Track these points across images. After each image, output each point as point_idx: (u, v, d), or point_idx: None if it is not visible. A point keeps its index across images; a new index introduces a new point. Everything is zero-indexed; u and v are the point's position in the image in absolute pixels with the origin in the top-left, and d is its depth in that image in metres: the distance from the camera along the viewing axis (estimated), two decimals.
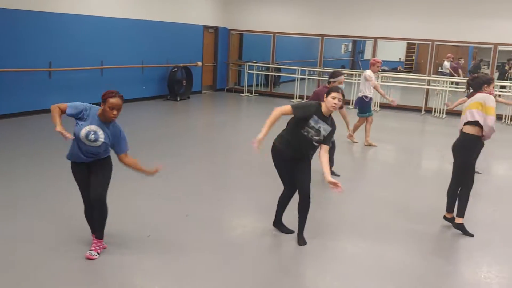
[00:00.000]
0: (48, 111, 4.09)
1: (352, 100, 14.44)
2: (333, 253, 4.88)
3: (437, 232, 5.55)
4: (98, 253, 4.41)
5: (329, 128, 4.74)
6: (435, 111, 14.22)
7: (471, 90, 5.70)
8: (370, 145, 9.59)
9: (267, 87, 17.34)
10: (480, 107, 5.25)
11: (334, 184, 4.53)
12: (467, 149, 5.40)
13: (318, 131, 4.70)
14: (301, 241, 4.92)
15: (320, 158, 4.71)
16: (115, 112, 4.24)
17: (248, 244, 4.96)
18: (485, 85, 5.52)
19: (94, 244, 4.44)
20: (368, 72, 9.30)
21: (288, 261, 4.72)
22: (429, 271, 4.60)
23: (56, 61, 11.14)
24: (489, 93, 5.47)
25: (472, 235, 5.38)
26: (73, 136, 4.25)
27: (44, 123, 10.22)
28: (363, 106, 9.47)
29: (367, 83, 9.23)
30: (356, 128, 9.65)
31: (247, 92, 16.61)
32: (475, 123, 5.27)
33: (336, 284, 4.26)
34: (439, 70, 17.16)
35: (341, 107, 5.82)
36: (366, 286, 4.24)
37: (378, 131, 10.11)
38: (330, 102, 4.67)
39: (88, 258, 4.33)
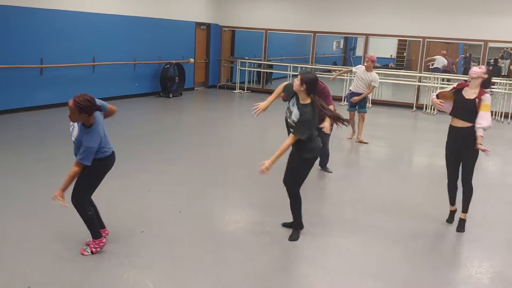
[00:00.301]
0: (40, 107, 4.09)
1: (344, 97, 14.51)
2: (326, 249, 4.91)
3: (429, 228, 5.59)
4: (91, 252, 4.43)
5: (298, 114, 4.59)
6: (426, 108, 14.30)
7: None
8: (361, 142, 9.67)
9: (259, 83, 17.35)
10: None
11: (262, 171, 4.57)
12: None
13: (290, 113, 4.69)
14: (292, 236, 4.96)
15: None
16: (68, 113, 4.09)
17: (241, 240, 4.98)
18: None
19: (92, 242, 4.48)
20: (375, 76, 9.35)
21: (281, 256, 4.74)
22: (421, 267, 4.64)
23: (47, 57, 11.09)
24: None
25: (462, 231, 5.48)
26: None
27: (35, 119, 10.19)
28: (365, 101, 9.61)
29: (367, 82, 9.29)
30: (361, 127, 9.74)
31: (239, 89, 16.62)
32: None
33: (329, 279, 4.29)
34: (430, 67, 17.23)
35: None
36: (358, 281, 4.27)
37: (370, 127, 10.15)
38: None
39: (81, 253, 4.42)
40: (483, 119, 5.12)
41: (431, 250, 5.03)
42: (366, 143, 9.62)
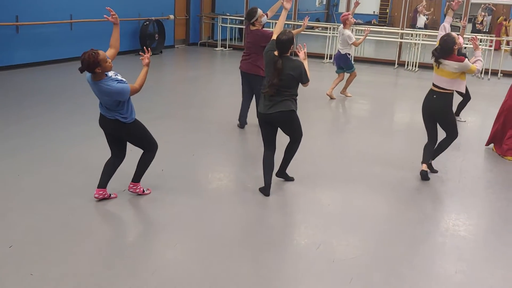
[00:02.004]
0: (16, 66, 4.01)
1: (329, 55, 14.47)
2: (307, 204, 4.98)
3: (408, 182, 5.70)
4: (138, 192, 4.83)
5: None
6: (407, 65, 14.31)
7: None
8: (346, 95, 9.88)
9: (241, 41, 17.14)
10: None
11: None
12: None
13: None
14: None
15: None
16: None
17: (223, 197, 5.03)
18: (454, 45, 5.46)
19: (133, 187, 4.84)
20: (348, 33, 9.30)
21: (263, 212, 4.80)
22: (400, 219, 4.76)
23: (23, 14, 10.77)
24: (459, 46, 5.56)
25: (436, 171, 5.87)
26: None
27: (12, 79, 9.98)
28: (349, 62, 9.73)
29: (349, 42, 9.28)
30: (349, 82, 9.85)
31: (221, 46, 16.41)
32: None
33: (311, 233, 4.37)
34: (417, 26, 17.17)
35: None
36: (339, 234, 4.37)
37: (352, 84, 10.15)
38: None
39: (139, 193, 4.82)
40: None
41: (411, 204, 5.13)
42: (350, 96, 9.87)
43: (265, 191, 5.00)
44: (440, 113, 5.64)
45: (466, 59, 5.53)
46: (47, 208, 4.51)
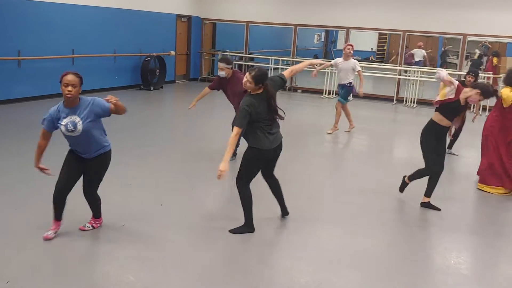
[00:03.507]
0: (17, 100, 4.03)
1: (332, 91, 14.69)
2: (307, 240, 4.93)
3: (409, 219, 5.66)
4: (93, 226, 4.74)
5: None
6: (406, 101, 14.42)
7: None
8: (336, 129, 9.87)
9: None
10: None
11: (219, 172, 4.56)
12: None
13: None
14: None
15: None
16: (69, 89, 4.15)
17: (222, 234, 4.97)
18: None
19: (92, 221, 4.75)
20: (355, 61, 9.61)
21: (263, 249, 4.75)
22: (401, 257, 4.70)
23: (25, 49, 10.91)
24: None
25: (439, 209, 5.82)
26: (51, 173, 4.45)
27: (13, 113, 10.03)
28: (348, 93, 9.93)
29: (353, 72, 9.54)
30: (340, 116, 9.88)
31: None
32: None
33: (311, 270, 4.32)
34: (415, 61, 17.40)
35: None
36: (340, 272, 4.31)
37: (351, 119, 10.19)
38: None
39: (81, 229, 4.66)
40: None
41: (412, 241, 5.08)
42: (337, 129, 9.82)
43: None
44: None
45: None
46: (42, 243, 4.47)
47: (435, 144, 5.76)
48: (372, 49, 25.95)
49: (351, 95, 9.95)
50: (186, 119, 11.02)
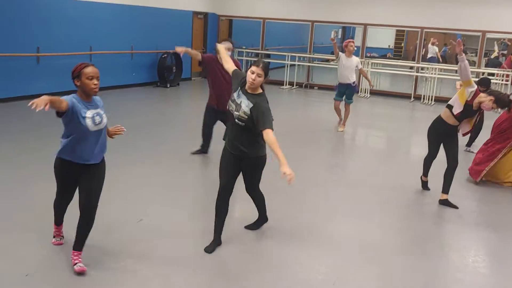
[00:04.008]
0: (36, 96, 3.95)
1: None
2: (324, 237, 4.91)
3: (426, 216, 5.62)
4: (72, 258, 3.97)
5: (251, 104, 4.15)
6: (423, 98, 14.30)
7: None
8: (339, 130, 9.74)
9: None
10: None
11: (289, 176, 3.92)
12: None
13: (238, 106, 4.23)
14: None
15: (267, 141, 4.08)
16: (95, 82, 3.69)
17: (239, 230, 4.98)
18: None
19: (75, 257, 3.94)
20: (356, 59, 9.44)
21: (280, 246, 4.74)
22: (418, 255, 4.66)
23: (44, 46, 11.02)
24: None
25: (457, 207, 5.78)
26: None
27: (31, 109, 10.12)
28: (352, 92, 9.68)
29: (355, 69, 9.39)
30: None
31: None
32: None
33: (327, 267, 4.31)
34: (428, 57, 17.21)
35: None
36: (356, 268, 4.29)
37: (367, 117, 10.16)
38: (248, 77, 4.19)
39: (81, 271, 3.87)
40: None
41: (428, 239, 5.04)
42: (341, 131, 9.64)
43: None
44: None
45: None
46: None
47: (435, 140, 6.02)
48: (389, 46, 25.75)
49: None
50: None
